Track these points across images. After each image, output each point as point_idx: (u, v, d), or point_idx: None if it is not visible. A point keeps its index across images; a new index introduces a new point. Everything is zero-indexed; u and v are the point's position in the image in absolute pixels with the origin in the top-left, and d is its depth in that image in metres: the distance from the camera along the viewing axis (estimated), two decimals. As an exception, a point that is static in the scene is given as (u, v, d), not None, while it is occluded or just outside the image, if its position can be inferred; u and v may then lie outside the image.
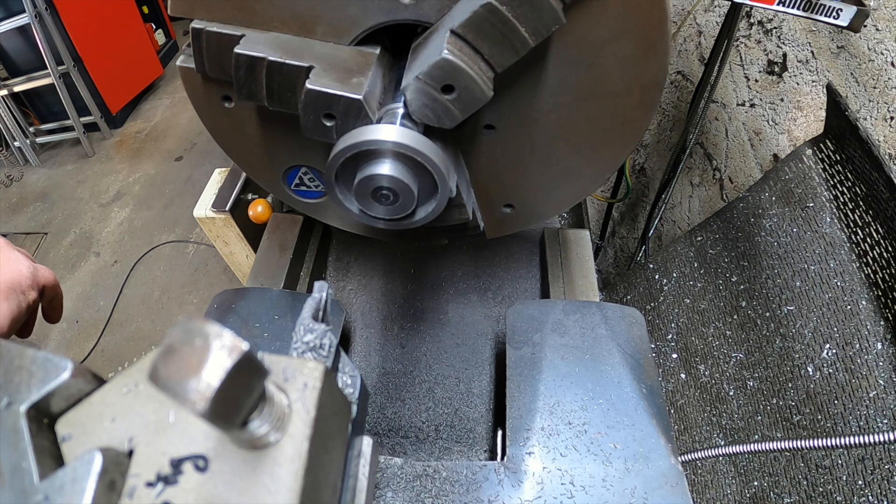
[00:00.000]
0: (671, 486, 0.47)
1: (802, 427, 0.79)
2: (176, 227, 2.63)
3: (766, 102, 1.08)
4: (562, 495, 0.46)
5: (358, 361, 0.79)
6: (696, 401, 0.98)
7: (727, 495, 0.88)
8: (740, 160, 1.19)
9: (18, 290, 0.48)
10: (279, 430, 0.25)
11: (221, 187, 1.10)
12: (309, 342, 0.35)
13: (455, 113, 0.41)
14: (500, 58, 0.39)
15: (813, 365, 0.79)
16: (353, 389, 0.38)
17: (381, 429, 0.73)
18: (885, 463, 0.68)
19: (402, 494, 0.47)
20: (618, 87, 0.46)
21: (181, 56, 0.47)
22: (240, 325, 0.61)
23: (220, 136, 0.55)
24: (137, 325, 2.29)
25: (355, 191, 0.44)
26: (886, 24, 0.76)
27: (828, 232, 0.83)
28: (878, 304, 0.74)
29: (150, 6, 3.51)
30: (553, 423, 0.51)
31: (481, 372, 0.77)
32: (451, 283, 0.86)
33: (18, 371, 0.26)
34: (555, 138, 0.50)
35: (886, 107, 0.79)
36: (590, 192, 0.57)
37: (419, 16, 0.42)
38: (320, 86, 0.40)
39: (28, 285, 0.49)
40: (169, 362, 0.19)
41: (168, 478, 0.25)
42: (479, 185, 0.55)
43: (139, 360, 0.28)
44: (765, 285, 0.90)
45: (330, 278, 0.89)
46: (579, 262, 0.82)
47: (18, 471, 0.24)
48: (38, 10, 2.63)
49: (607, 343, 0.57)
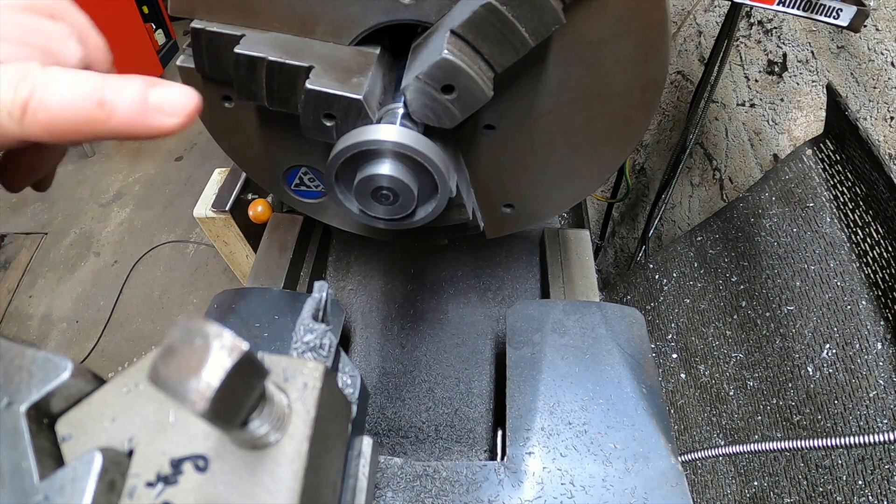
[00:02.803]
0: (671, 486, 0.47)
1: (802, 427, 0.79)
2: (176, 227, 2.63)
3: (766, 102, 1.08)
4: (562, 495, 0.46)
5: (358, 361, 0.79)
6: (696, 401, 0.98)
7: (727, 495, 0.88)
8: (740, 160, 1.19)
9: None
10: (279, 430, 0.25)
11: (221, 187, 1.10)
12: (309, 342, 0.35)
13: (455, 113, 0.41)
14: (500, 58, 0.39)
15: (813, 365, 0.79)
16: (353, 389, 0.38)
17: (381, 429, 0.73)
18: (885, 463, 0.68)
19: (402, 494, 0.47)
20: (618, 87, 0.46)
21: (181, 56, 0.47)
22: (240, 325, 0.61)
23: (220, 137, 0.55)
24: (137, 325, 2.29)
25: (355, 191, 0.44)
26: (886, 24, 0.76)
27: (828, 232, 0.83)
28: (878, 304, 0.74)
29: (150, 6, 3.51)
30: (553, 423, 0.51)
31: (481, 372, 0.77)
32: (451, 283, 0.86)
33: (18, 371, 0.26)
34: (555, 138, 0.50)
35: (886, 107, 0.79)
36: (590, 192, 0.57)
37: (419, 16, 0.42)
38: (320, 86, 0.40)
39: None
40: (169, 362, 0.19)
41: (168, 478, 0.25)
42: (479, 185, 0.55)
43: (139, 360, 0.28)
44: (765, 285, 0.90)
45: (330, 278, 0.89)
46: (579, 262, 0.82)
47: (18, 471, 0.24)
48: (38, 10, 2.63)
49: (607, 343, 0.57)
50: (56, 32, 0.35)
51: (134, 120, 0.29)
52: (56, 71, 0.29)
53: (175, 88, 0.30)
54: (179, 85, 0.30)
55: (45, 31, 0.34)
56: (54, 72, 0.28)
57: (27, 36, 0.33)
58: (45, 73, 0.28)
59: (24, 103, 0.27)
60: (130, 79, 0.29)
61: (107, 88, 0.28)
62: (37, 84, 0.28)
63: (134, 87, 0.29)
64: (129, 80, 0.29)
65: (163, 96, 0.29)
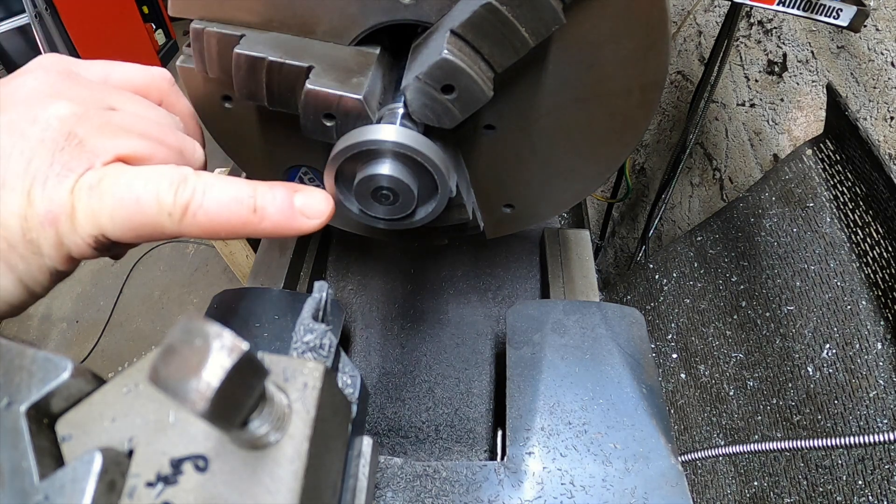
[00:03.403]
0: (671, 486, 0.47)
1: (802, 427, 0.79)
2: (176, 227, 2.62)
3: (766, 102, 1.08)
4: (562, 495, 0.46)
5: (358, 361, 0.79)
6: (696, 401, 0.98)
7: (727, 495, 0.88)
8: (740, 160, 1.20)
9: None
10: (279, 430, 0.25)
11: (221, 187, 1.10)
12: (309, 342, 0.35)
13: (455, 113, 0.41)
14: (500, 58, 0.39)
15: (813, 365, 0.79)
16: (353, 389, 0.38)
17: (381, 429, 0.73)
18: (885, 463, 0.68)
19: (402, 494, 0.47)
20: (618, 87, 0.46)
21: (181, 56, 0.47)
22: (240, 325, 0.61)
23: (220, 137, 0.55)
24: (137, 326, 2.29)
25: (355, 191, 0.44)
26: (886, 24, 0.76)
27: (828, 232, 0.83)
28: (878, 304, 0.74)
29: (150, 6, 3.51)
30: (553, 423, 0.51)
31: (481, 372, 0.77)
32: (451, 283, 0.86)
33: (18, 371, 0.26)
34: (555, 138, 0.50)
35: (886, 107, 0.79)
36: (590, 192, 0.56)
37: (419, 16, 0.42)
38: (320, 86, 0.40)
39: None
40: (169, 362, 0.19)
41: (168, 478, 0.25)
42: (479, 185, 0.55)
43: (139, 360, 0.28)
44: (765, 285, 0.90)
45: (330, 278, 0.89)
46: (579, 262, 0.82)
47: (18, 471, 0.24)
48: (38, 10, 2.63)
49: (607, 343, 0.57)
50: (176, 129, 0.38)
51: (282, 223, 0.32)
52: (210, 178, 0.31)
53: (316, 194, 0.34)
54: (318, 190, 0.34)
55: (169, 127, 0.37)
56: (209, 179, 0.31)
57: (162, 135, 0.35)
58: (202, 179, 0.31)
59: (185, 207, 0.30)
60: (277, 185, 0.33)
61: (258, 195, 0.32)
62: (196, 189, 0.30)
63: (282, 193, 0.33)
64: (276, 187, 0.33)
65: (306, 201, 0.34)
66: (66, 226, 0.29)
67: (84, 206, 0.28)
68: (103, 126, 0.31)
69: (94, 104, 0.32)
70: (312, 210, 0.34)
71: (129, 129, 0.32)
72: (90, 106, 0.31)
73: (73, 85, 0.33)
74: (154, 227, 0.30)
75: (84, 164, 0.29)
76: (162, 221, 0.29)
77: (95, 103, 0.32)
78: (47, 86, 0.31)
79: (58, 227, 0.28)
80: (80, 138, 0.29)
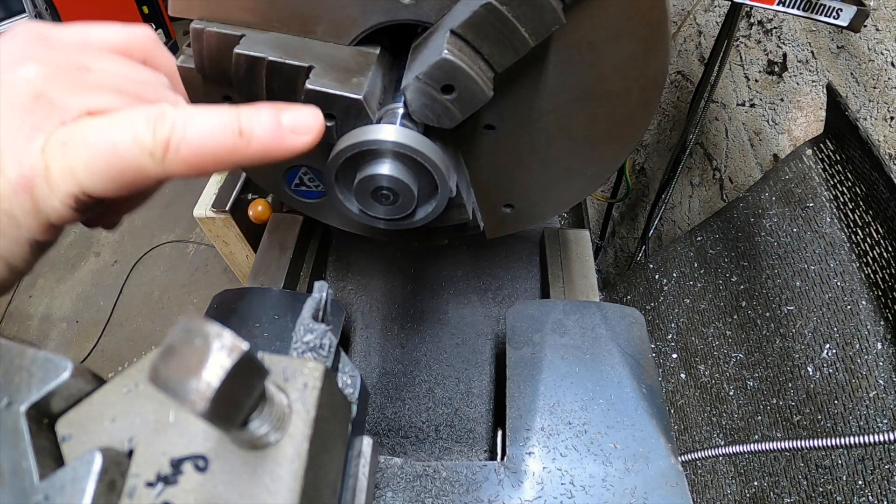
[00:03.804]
0: (671, 486, 0.47)
1: (802, 427, 0.79)
2: (176, 227, 2.62)
3: (766, 102, 1.08)
4: (562, 495, 0.46)
5: (358, 361, 0.79)
6: (696, 401, 0.98)
7: (727, 495, 0.88)
8: (740, 160, 1.20)
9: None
10: (279, 430, 0.25)
11: (221, 187, 1.10)
12: (309, 342, 0.35)
13: (455, 113, 0.41)
14: (500, 58, 0.39)
15: (813, 365, 0.79)
16: (353, 389, 0.38)
17: (381, 429, 0.73)
18: (885, 463, 0.68)
19: (402, 494, 0.47)
20: (618, 87, 0.46)
21: (181, 56, 0.47)
22: (240, 325, 0.61)
23: (220, 136, 0.55)
24: (137, 325, 2.29)
25: (355, 191, 0.44)
26: (886, 24, 0.76)
27: (828, 232, 0.83)
28: (878, 304, 0.74)
29: (150, 6, 3.51)
30: (553, 423, 0.51)
31: (481, 372, 0.77)
32: (451, 283, 0.86)
33: (18, 371, 0.26)
34: (555, 138, 0.50)
35: (886, 107, 0.79)
36: (590, 192, 0.57)
37: (419, 16, 0.42)
38: (320, 86, 0.40)
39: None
40: (169, 362, 0.19)
41: (168, 478, 0.25)
42: (479, 185, 0.55)
43: (139, 360, 0.28)
44: (765, 285, 0.90)
45: (330, 278, 0.89)
46: (579, 262, 0.82)
47: (18, 471, 0.24)
48: (38, 10, 2.63)
49: (607, 343, 0.57)
50: (159, 86, 0.35)
51: (272, 143, 0.30)
52: (190, 108, 0.29)
53: (303, 109, 0.32)
54: (306, 105, 0.32)
55: (150, 84, 0.34)
56: (189, 109, 0.29)
57: (140, 90, 0.33)
58: (180, 111, 0.29)
59: (166, 143, 0.28)
60: (262, 105, 0.31)
61: (242, 117, 0.30)
62: (176, 123, 0.28)
63: (267, 113, 0.30)
64: (261, 107, 0.31)
65: (294, 118, 0.31)
66: (41, 189, 0.27)
67: (58, 163, 0.27)
68: (73, 83, 0.29)
69: (67, 66, 0.30)
70: (301, 126, 0.31)
71: (102, 85, 0.30)
72: (62, 67, 0.30)
73: (45, 49, 0.31)
74: (136, 172, 0.28)
75: (55, 121, 0.27)
76: (144, 164, 0.27)
77: (69, 65, 0.31)
78: (18, 51, 0.30)
79: (33, 192, 0.27)
80: (49, 97, 0.28)
